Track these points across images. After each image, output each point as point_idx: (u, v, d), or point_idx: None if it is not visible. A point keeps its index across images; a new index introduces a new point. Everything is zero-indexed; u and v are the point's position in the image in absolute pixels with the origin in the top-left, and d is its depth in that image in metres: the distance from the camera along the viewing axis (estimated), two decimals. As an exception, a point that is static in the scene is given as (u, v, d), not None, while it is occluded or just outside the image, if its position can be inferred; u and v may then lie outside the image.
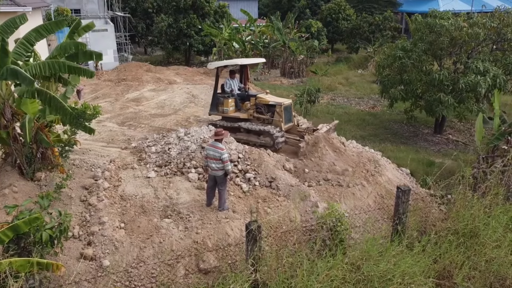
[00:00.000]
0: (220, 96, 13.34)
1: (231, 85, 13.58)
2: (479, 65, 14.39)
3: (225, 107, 13.08)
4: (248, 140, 12.39)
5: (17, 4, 16.76)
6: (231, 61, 14.68)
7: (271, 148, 11.84)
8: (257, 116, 12.77)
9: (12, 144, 8.82)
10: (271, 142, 12.00)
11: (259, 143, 12.23)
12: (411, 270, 6.40)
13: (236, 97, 13.35)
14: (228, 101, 12.99)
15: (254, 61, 14.72)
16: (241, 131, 12.77)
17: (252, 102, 12.96)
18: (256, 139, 12.38)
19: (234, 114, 13.09)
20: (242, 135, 12.66)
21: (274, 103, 12.56)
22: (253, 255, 6.24)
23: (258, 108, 12.86)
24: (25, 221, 5.95)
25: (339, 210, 7.99)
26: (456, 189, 8.16)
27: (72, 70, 8.07)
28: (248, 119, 12.89)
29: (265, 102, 12.76)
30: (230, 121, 13.03)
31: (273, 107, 12.56)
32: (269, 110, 12.71)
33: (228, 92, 13.38)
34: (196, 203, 8.73)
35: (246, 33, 31.51)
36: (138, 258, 7.20)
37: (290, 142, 12.43)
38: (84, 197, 8.71)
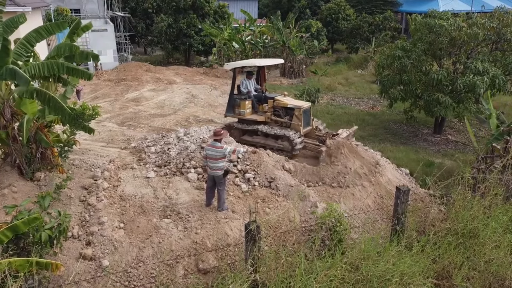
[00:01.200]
0: (236, 97, 12.94)
1: (247, 86, 13.17)
2: (478, 65, 14.40)
3: (241, 109, 12.68)
4: (265, 144, 12.09)
5: (17, 4, 16.77)
6: (249, 61, 14.19)
7: (289, 153, 11.54)
8: (275, 119, 12.38)
9: (12, 144, 8.82)
10: (289, 147, 11.67)
11: (276, 147, 11.92)
12: (410, 270, 6.40)
13: (253, 99, 12.93)
14: (245, 103, 12.60)
15: (273, 62, 14.09)
16: (258, 134, 12.44)
17: (269, 105, 12.56)
18: (273, 143, 12.04)
19: (251, 116, 12.69)
20: (259, 138, 12.36)
21: (293, 106, 12.16)
22: (252, 255, 6.24)
23: (276, 110, 12.46)
24: (24, 221, 5.95)
25: (338, 210, 7.99)
26: (455, 189, 8.16)
27: (71, 71, 8.08)
28: (265, 122, 12.50)
29: (284, 104, 12.33)
30: (247, 124, 12.69)
31: (292, 110, 12.17)
32: (287, 113, 12.30)
33: (245, 93, 12.99)
34: (196, 203, 8.73)
35: (246, 33, 31.51)
36: (137, 258, 7.20)
37: (309, 147, 12.05)
38: (83, 197, 8.71)
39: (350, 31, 36.93)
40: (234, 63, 13.76)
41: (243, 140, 12.52)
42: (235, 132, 12.97)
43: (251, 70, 13.60)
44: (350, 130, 12.53)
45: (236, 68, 13.36)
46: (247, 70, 13.55)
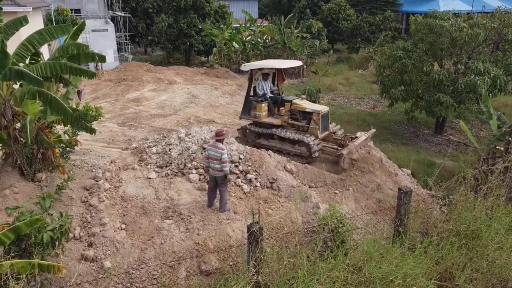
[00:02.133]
0: (253, 99, 12.54)
1: (263, 88, 12.79)
2: (479, 66, 14.39)
3: (257, 112, 12.29)
4: (281, 149, 11.78)
5: (17, 4, 16.73)
6: (267, 63, 13.44)
7: (307, 159, 11.28)
8: (291, 123, 12.04)
9: (13, 145, 8.80)
10: (307, 153, 11.35)
11: (293, 152, 11.60)
12: (413, 272, 6.39)
13: (270, 101, 12.57)
14: (261, 106, 12.20)
15: (292, 64, 13.48)
16: (274, 138, 12.11)
17: (286, 108, 12.16)
18: (290, 147, 11.71)
19: (267, 119, 12.31)
20: (275, 142, 12.03)
21: (311, 110, 11.80)
22: (255, 256, 6.22)
23: (293, 114, 12.07)
24: (26, 223, 5.93)
25: (341, 211, 7.97)
26: (457, 190, 8.14)
27: (74, 71, 8.06)
28: (281, 125, 12.14)
29: (302, 108, 11.97)
30: (262, 127, 12.31)
31: (310, 115, 11.80)
32: (305, 117, 11.94)
33: (261, 95, 12.63)
34: (197, 204, 8.71)
35: (246, 33, 31.48)
36: (139, 259, 7.18)
37: (327, 152, 11.68)
38: (85, 198, 8.69)
39: (351, 31, 36.90)
40: (252, 64, 13.22)
41: (258, 143, 12.24)
42: (250, 134, 12.67)
43: (269, 72, 13.23)
44: (368, 133, 12.28)
45: (253, 70, 12.89)
46: (264, 72, 13.11)
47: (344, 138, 12.00)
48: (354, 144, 11.10)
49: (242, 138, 12.92)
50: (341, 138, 12.09)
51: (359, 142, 11.33)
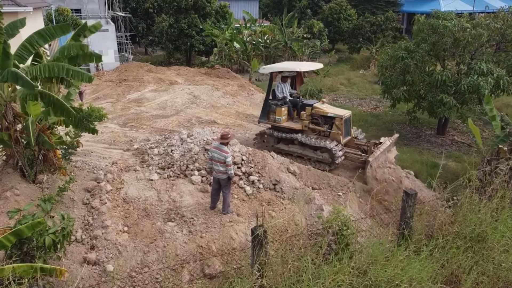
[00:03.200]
0: (272, 103, 12.13)
1: (283, 90, 12.41)
2: (482, 66, 14.33)
3: (277, 116, 11.90)
4: (302, 154, 11.47)
5: (18, 4, 16.66)
6: (287, 66, 12.86)
7: (329, 166, 10.98)
8: (312, 127, 11.64)
9: (14, 146, 8.73)
10: (329, 159, 11.01)
11: (315, 158, 11.27)
12: (419, 275, 6.31)
13: (289, 105, 12.17)
14: (281, 110, 11.81)
15: (313, 67, 12.91)
16: (294, 143, 11.76)
17: (307, 112, 11.75)
18: (312, 153, 11.36)
19: (287, 124, 11.91)
20: (296, 148, 11.67)
21: (334, 115, 11.37)
22: (259, 260, 6.14)
23: (314, 119, 11.67)
24: (28, 226, 5.86)
25: (345, 214, 7.88)
26: (462, 192, 8.06)
27: (71, 73, 7.97)
28: (302, 130, 11.74)
29: (323, 113, 11.52)
30: (282, 132, 11.93)
31: (332, 119, 11.42)
32: (326, 122, 11.53)
33: (280, 98, 12.22)
34: (200, 206, 8.64)
35: (247, 33, 31.43)
36: (142, 262, 7.11)
37: (350, 157, 11.38)
38: (86, 200, 8.62)
39: (352, 31, 36.85)
40: (272, 66, 12.73)
41: (277, 148, 11.95)
42: (269, 139, 12.34)
43: (288, 74, 12.83)
44: (392, 138, 11.95)
45: (273, 72, 12.43)
46: (284, 74, 12.70)
47: (368, 143, 11.65)
48: (380, 150, 10.75)
49: (260, 143, 12.52)
50: (364, 144, 11.77)
51: (384, 148, 10.98)
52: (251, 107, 17.97)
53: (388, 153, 11.70)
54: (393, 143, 12.03)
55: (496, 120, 11.44)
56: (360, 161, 10.76)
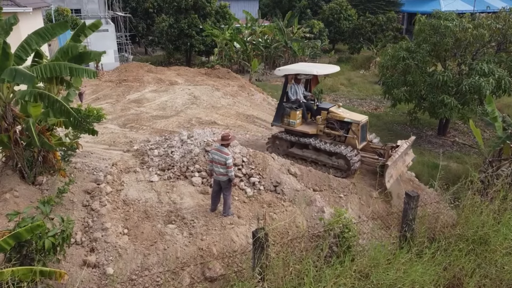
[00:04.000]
0: (286, 106, 11.83)
1: (296, 92, 12.11)
2: (484, 67, 14.27)
3: (291, 119, 11.59)
4: (317, 160, 11.19)
5: (18, 5, 16.61)
6: (304, 68, 12.15)
7: (345, 173, 10.72)
8: (328, 132, 11.31)
9: (13, 148, 8.67)
10: (345, 166, 10.73)
11: (330, 164, 10.98)
12: (421, 278, 6.27)
13: (304, 108, 11.88)
14: (295, 113, 11.51)
15: (330, 70, 12.19)
16: (308, 148, 11.48)
17: (323, 116, 11.40)
18: (327, 159, 11.08)
19: (301, 128, 11.62)
20: (310, 153, 11.42)
21: (350, 120, 11.06)
22: (260, 263, 6.10)
23: (329, 123, 11.35)
24: (27, 229, 5.80)
25: (346, 216, 7.84)
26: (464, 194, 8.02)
27: (74, 71, 7.92)
28: (316, 134, 11.44)
29: (340, 118, 11.19)
30: (296, 136, 11.63)
31: (348, 124, 11.11)
32: (342, 127, 11.22)
33: (293, 100, 11.94)
34: (200, 208, 8.59)
35: (247, 33, 31.39)
36: (142, 265, 7.05)
37: (367, 162, 11.09)
38: (86, 201, 8.57)
39: (352, 31, 36.80)
40: (288, 69, 12.30)
41: (291, 153, 11.74)
42: (282, 143, 12.07)
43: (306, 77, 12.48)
44: (409, 140, 11.61)
45: (289, 75, 12.04)
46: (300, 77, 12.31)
47: (385, 147, 11.41)
48: (398, 154, 10.52)
49: (273, 146, 12.28)
50: (381, 147, 11.53)
51: (401, 151, 10.74)
52: (252, 107, 17.92)
53: (406, 156, 11.46)
54: (410, 146, 11.77)
55: (498, 121, 11.39)
56: (377, 165, 10.41)
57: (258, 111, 17.35)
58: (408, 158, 11.66)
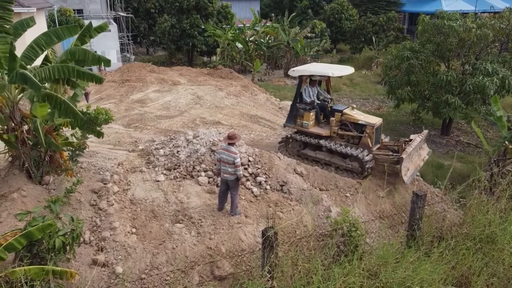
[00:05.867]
0: (300, 107, 11.67)
1: (310, 94, 11.94)
2: (488, 67, 14.30)
3: (304, 121, 11.43)
4: (330, 162, 11.09)
5: (22, 5, 16.64)
6: (319, 70, 11.90)
7: (359, 175, 10.62)
8: (341, 134, 11.21)
9: (20, 148, 8.70)
10: (359, 168, 10.62)
11: (344, 166, 10.89)
12: (430, 277, 6.29)
13: (318, 110, 11.71)
14: (309, 114, 11.36)
15: (345, 71, 11.95)
16: (322, 149, 11.37)
17: (337, 118, 11.26)
18: (340, 161, 10.97)
19: (314, 129, 11.46)
20: (323, 155, 11.30)
21: (365, 123, 10.91)
22: (270, 262, 6.12)
23: (343, 125, 11.23)
24: (38, 228, 5.83)
25: (353, 215, 7.86)
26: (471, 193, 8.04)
27: (82, 75, 7.95)
28: (330, 136, 11.31)
29: (354, 120, 11.05)
30: (308, 137, 11.50)
31: (362, 127, 10.96)
32: (356, 129, 11.06)
33: (308, 102, 11.76)
34: (207, 207, 8.61)
35: (249, 33, 31.43)
36: (151, 264, 7.07)
37: (381, 159, 10.82)
38: (93, 201, 8.58)
39: (354, 31, 36.82)
40: (302, 69, 12.18)
41: (303, 154, 11.66)
42: (294, 144, 11.97)
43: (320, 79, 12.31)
44: (422, 134, 11.51)
45: (303, 76, 11.87)
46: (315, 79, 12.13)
47: (398, 142, 11.31)
48: (411, 147, 10.42)
49: (285, 148, 12.18)
50: (394, 144, 11.40)
51: (415, 145, 10.66)
52: (255, 107, 17.93)
53: (420, 150, 11.37)
54: (424, 140, 11.65)
55: (503, 121, 11.42)
56: (394, 161, 10.36)
57: (262, 111, 17.36)
58: (423, 152, 11.53)
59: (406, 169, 10.03)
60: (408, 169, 10.18)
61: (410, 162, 10.37)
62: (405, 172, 9.92)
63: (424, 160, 11.34)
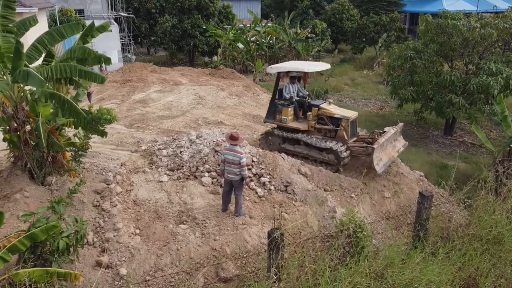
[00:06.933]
0: (278, 103, 12.06)
1: (290, 91, 12.26)
2: (492, 66, 14.23)
3: (283, 116, 11.84)
4: (308, 155, 11.41)
5: (23, 5, 16.60)
6: (295, 66, 12.58)
7: (335, 167, 10.90)
8: (319, 128, 11.52)
9: (23, 148, 8.63)
10: (335, 160, 10.92)
11: (321, 159, 11.19)
12: (437, 278, 6.22)
13: (296, 105, 12.06)
14: (287, 110, 11.74)
15: (321, 67, 12.59)
16: (300, 143, 11.68)
17: (314, 113, 11.60)
18: (317, 154, 11.26)
19: (293, 124, 11.83)
20: (301, 148, 11.61)
21: (340, 116, 11.22)
22: (276, 263, 6.05)
23: (320, 119, 11.54)
24: (42, 229, 5.78)
25: (359, 216, 7.80)
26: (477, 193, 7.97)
27: (84, 74, 7.90)
28: (308, 130, 11.65)
29: (330, 114, 11.37)
30: (287, 132, 11.86)
31: (338, 120, 11.26)
32: (332, 123, 11.36)
33: (287, 99, 12.08)
34: (211, 208, 8.54)
35: (250, 33, 31.36)
36: (155, 266, 7.01)
37: (356, 151, 11.16)
38: (96, 202, 8.52)
39: (355, 31, 36.76)
40: (279, 66, 12.64)
41: (283, 148, 11.88)
42: (274, 139, 12.26)
43: (297, 75, 12.65)
44: (397, 127, 11.81)
45: (281, 72, 12.39)
46: (292, 75, 12.53)
47: (372, 134, 11.62)
48: (384, 138, 10.67)
49: (266, 143, 12.47)
50: (368, 136, 11.68)
51: (388, 136, 10.95)
52: (258, 107, 17.88)
53: (395, 142, 11.66)
54: (399, 132, 11.95)
55: (507, 121, 11.35)
56: (367, 153, 10.65)
57: (265, 111, 17.27)
58: (398, 144, 11.83)
59: (379, 159, 10.36)
60: (381, 159, 10.49)
61: (383, 152, 10.67)
62: (377, 162, 10.23)
63: (399, 152, 11.66)
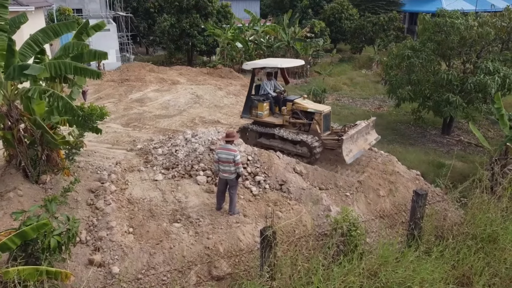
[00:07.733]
0: (254, 99, 12.40)
1: (266, 87, 12.66)
2: (489, 65, 14.20)
3: (259, 111, 12.15)
4: (283, 149, 11.65)
5: (20, 4, 16.58)
6: (269, 62, 13.16)
7: (308, 159, 11.13)
8: (293, 122, 11.85)
9: (17, 146, 8.61)
10: (308, 153, 11.22)
11: (294, 152, 11.47)
12: (431, 276, 6.19)
13: (271, 101, 12.41)
14: (262, 105, 12.07)
15: (294, 63, 13.05)
16: (275, 137, 11.97)
17: (288, 108, 11.95)
18: (291, 147, 11.59)
19: (268, 119, 12.18)
20: (277, 142, 11.90)
21: (313, 110, 11.54)
22: (268, 262, 6.02)
23: (294, 114, 11.87)
24: (33, 228, 5.75)
25: (353, 215, 7.77)
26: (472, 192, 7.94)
27: (79, 71, 7.87)
28: (283, 125, 11.99)
29: (303, 108, 11.72)
30: (263, 126, 12.19)
31: (311, 114, 11.57)
32: (307, 117, 11.70)
33: (264, 95, 12.48)
34: (206, 206, 8.52)
35: (249, 33, 31.32)
36: (148, 264, 6.98)
37: (328, 144, 11.42)
38: (90, 200, 8.49)
39: (354, 31, 36.72)
40: (254, 63, 13.17)
41: (259, 143, 12.10)
42: (251, 134, 12.52)
43: (271, 71, 13.06)
44: (369, 121, 12.10)
45: (256, 69, 12.83)
46: (268, 71, 12.99)
47: (344, 127, 11.92)
48: (354, 131, 11.01)
49: (243, 137, 12.61)
50: (340, 130, 11.88)
51: (359, 129, 11.30)
52: (255, 106, 17.83)
53: (367, 135, 11.94)
54: (371, 126, 12.23)
55: (504, 120, 11.33)
56: (338, 145, 10.92)
57: (261, 110, 17.26)
58: (370, 137, 12.11)
59: (349, 150, 10.69)
60: (351, 150, 10.81)
61: (353, 144, 11.02)
62: (346, 152, 10.54)
63: (370, 145, 11.96)
